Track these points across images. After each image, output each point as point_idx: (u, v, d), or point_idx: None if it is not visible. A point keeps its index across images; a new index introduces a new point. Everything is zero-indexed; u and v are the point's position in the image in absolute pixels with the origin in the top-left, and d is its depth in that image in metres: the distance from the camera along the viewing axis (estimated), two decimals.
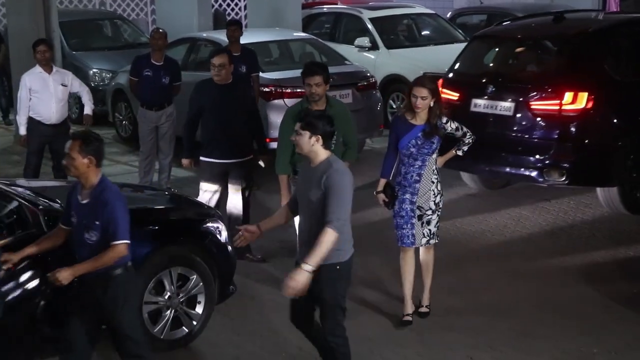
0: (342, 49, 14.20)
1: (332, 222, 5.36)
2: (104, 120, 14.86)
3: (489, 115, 9.88)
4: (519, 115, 9.63)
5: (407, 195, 7.09)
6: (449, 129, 7.09)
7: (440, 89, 6.96)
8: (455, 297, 7.81)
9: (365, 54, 15.07)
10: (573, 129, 9.36)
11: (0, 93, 15.80)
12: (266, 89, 11.60)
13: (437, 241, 7.30)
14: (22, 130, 10.09)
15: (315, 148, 5.56)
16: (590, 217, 10.09)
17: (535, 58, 10.76)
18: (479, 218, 10.14)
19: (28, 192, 6.76)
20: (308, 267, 5.33)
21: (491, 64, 10.88)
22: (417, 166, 7.03)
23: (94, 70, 15.61)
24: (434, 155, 7.06)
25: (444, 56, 14.65)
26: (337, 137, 6.93)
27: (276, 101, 11.54)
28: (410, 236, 7.11)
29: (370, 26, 15.55)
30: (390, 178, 7.24)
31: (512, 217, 10.18)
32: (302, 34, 14.28)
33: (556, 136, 9.43)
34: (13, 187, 6.80)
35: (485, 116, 9.90)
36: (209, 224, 7.02)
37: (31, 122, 10.04)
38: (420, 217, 7.10)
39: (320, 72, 7.31)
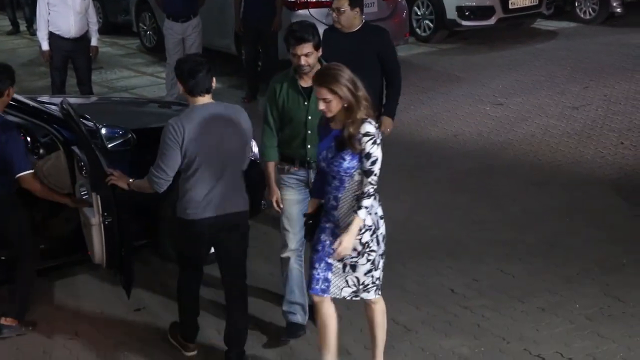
0: None
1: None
2: (127, 30, 14.85)
3: None
4: None
5: (329, 224, 5.07)
6: (363, 144, 4.80)
7: (352, 81, 4.85)
8: (483, 209, 7.85)
9: None
10: None
11: (24, 2, 15.75)
12: None
13: (375, 296, 5.13)
14: (45, 46, 10.06)
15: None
16: (618, 125, 10.06)
17: None
18: (507, 127, 10.14)
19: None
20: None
21: None
22: (334, 186, 4.96)
23: None
24: (357, 177, 4.89)
25: None
26: None
27: (301, 11, 11.45)
28: (321, 280, 5.08)
29: None
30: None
31: (539, 125, 10.17)
32: None
33: None
34: (47, 106, 6.85)
35: None
36: None
37: (52, 37, 10.00)
38: (341, 259, 5.05)
39: (310, 39, 5.49)
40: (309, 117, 5.52)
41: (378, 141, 4.83)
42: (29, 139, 6.63)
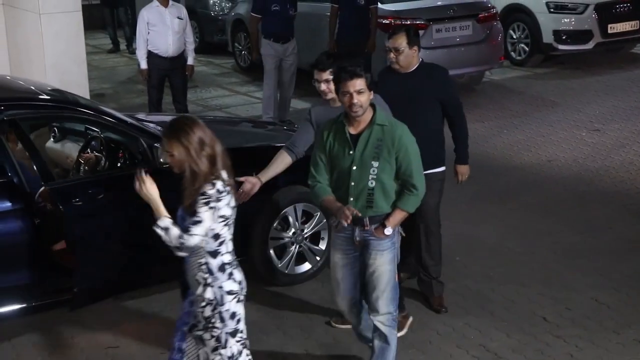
0: None
1: None
2: (223, 49, 15.08)
3: None
4: None
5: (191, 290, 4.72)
6: (197, 202, 4.39)
7: (198, 142, 4.35)
8: (576, 236, 7.70)
9: None
10: None
11: (125, 22, 16.19)
12: (385, 21, 11.50)
13: None
14: (143, 64, 10.31)
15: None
16: None
17: None
18: (603, 154, 9.94)
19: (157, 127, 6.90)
20: None
21: None
22: None
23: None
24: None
25: None
26: (378, 170, 5.08)
27: None
28: (176, 350, 4.71)
29: None
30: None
31: (637, 153, 9.95)
32: None
33: None
34: (143, 123, 6.96)
35: None
36: None
37: (150, 56, 10.24)
38: (192, 328, 4.65)
39: (362, 74, 5.03)
40: (354, 168, 5.09)
41: (212, 204, 4.34)
42: (127, 155, 6.76)
